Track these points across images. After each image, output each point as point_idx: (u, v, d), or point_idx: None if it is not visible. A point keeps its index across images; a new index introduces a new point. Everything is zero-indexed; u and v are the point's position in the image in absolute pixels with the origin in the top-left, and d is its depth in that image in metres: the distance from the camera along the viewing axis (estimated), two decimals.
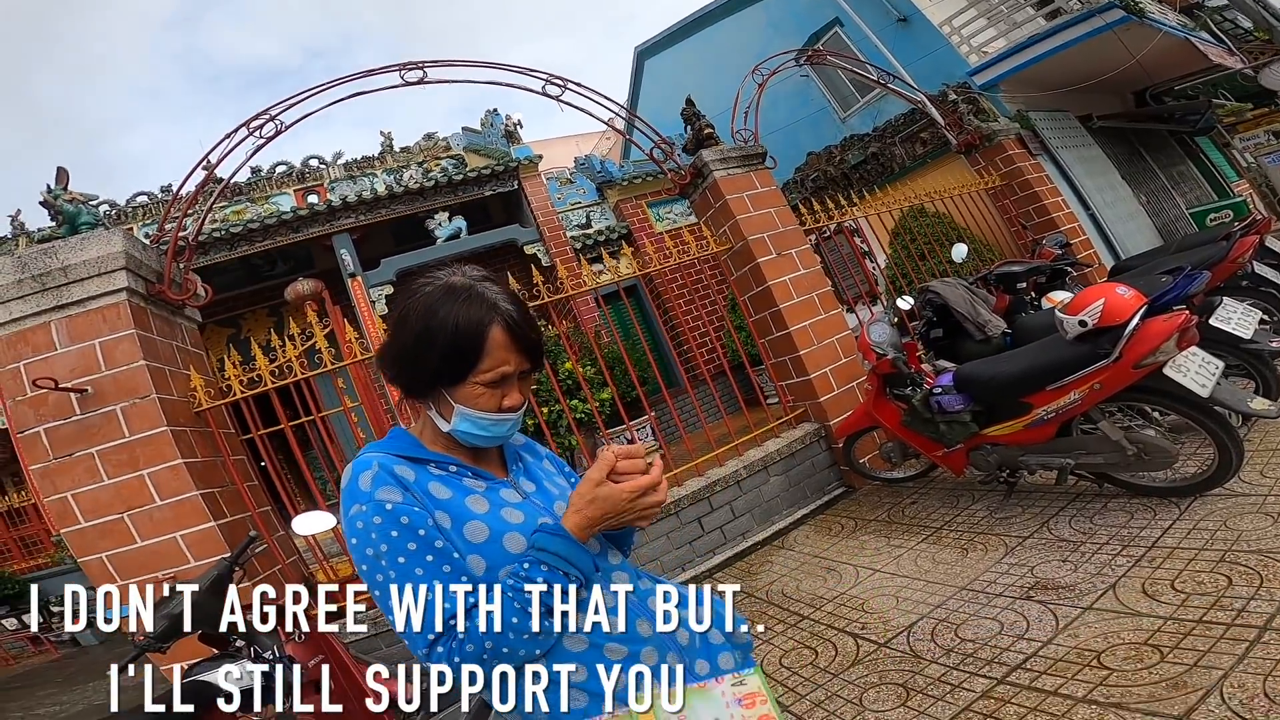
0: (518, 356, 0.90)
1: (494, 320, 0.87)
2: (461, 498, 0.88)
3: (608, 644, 0.87)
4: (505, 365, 0.89)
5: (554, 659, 0.85)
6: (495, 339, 0.87)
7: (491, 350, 0.87)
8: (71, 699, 5.79)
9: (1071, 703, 1.62)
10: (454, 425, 0.91)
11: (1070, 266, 4.71)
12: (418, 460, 0.90)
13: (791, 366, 4.31)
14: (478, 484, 0.92)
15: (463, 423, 0.90)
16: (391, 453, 0.90)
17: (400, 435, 0.97)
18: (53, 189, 2.89)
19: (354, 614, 3.31)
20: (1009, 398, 2.71)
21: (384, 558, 0.81)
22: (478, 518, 0.86)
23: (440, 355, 0.87)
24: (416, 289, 0.91)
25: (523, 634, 0.80)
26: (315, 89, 3.18)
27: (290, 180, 9.01)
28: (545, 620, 0.81)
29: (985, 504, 3.13)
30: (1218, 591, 1.86)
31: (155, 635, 1.92)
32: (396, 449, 0.91)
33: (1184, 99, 9.27)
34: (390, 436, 0.97)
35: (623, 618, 0.88)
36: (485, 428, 0.91)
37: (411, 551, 0.81)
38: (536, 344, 0.93)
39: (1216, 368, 2.36)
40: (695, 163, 4.36)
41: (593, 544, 0.90)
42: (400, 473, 0.86)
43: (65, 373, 2.79)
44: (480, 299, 0.88)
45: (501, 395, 0.91)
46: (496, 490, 0.92)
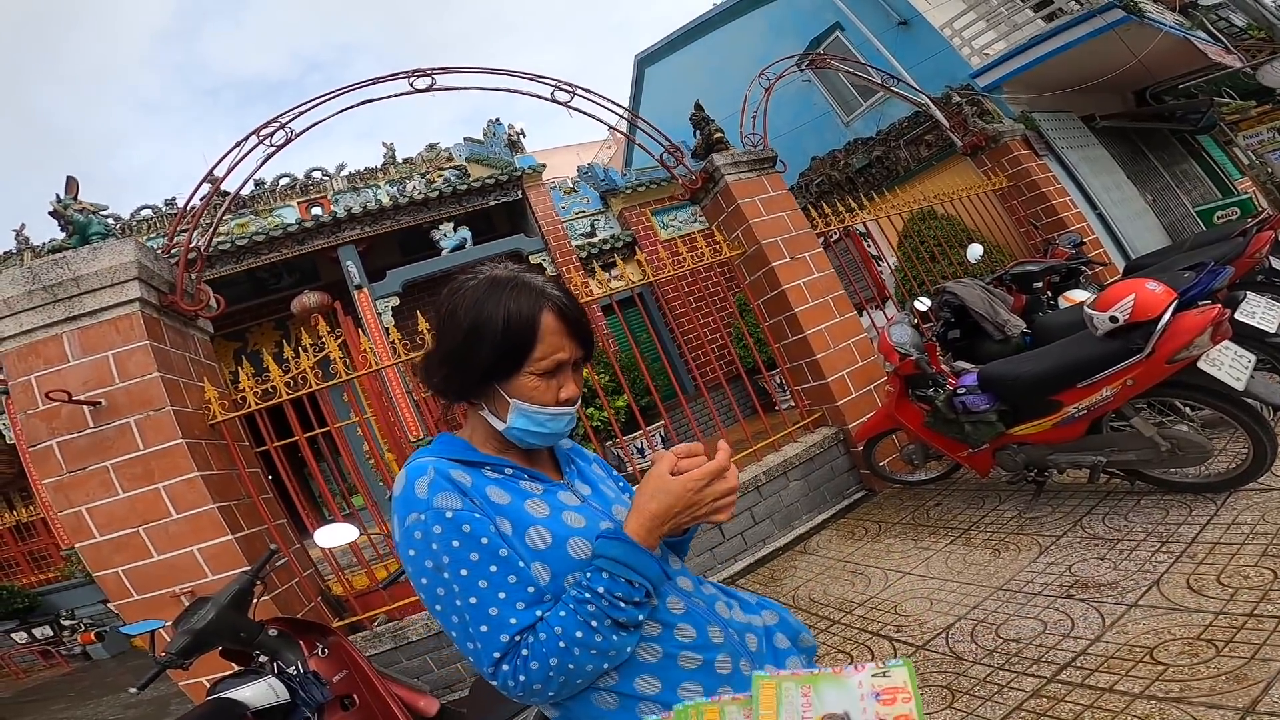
0: (571, 343, 0.86)
1: (545, 306, 0.84)
2: (520, 502, 0.84)
3: (682, 653, 0.82)
4: (560, 352, 0.85)
5: (627, 672, 0.80)
6: (548, 325, 0.84)
7: (545, 337, 0.84)
8: (85, 713, 5.72)
9: (1129, 699, 1.57)
10: (510, 423, 0.86)
11: (1084, 265, 4.70)
12: (472, 464, 0.86)
13: (808, 370, 4.28)
14: (535, 487, 0.87)
15: (519, 419, 0.86)
16: (445, 457, 0.85)
17: (450, 440, 0.92)
18: (63, 199, 2.86)
19: (375, 628, 3.27)
20: (1037, 396, 2.68)
21: (445, 569, 0.76)
22: (539, 522, 0.82)
23: (493, 347, 0.83)
24: (459, 286, 0.87)
25: (590, 649, 0.74)
26: (324, 96, 3.17)
27: (294, 192, 9.01)
28: (615, 634, 0.75)
29: (1013, 504, 3.09)
30: (1265, 585, 1.83)
31: (177, 651, 1.86)
32: (449, 453, 0.87)
33: (1185, 98, 9.32)
34: (439, 441, 0.92)
35: (693, 625, 0.84)
36: (542, 423, 0.87)
37: (474, 563, 0.76)
38: (588, 330, 0.89)
39: (1250, 361, 2.33)
40: (706, 167, 4.35)
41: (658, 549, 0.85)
42: (457, 478, 0.81)
43: (78, 385, 2.76)
44: (528, 287, 0.85)
45: (558, 386, 0.87)
46: (554, 493, 0.88)
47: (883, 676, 0.42)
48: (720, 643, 0.85)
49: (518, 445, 0.91)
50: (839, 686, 0.42)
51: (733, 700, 0.43)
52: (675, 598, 0.86)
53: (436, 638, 3.19)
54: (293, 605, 3.07)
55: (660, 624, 0.83)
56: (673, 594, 0.86)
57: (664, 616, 0.83)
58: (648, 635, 0.81)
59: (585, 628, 0.74)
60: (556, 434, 0.90)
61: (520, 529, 0.81)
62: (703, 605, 0.87)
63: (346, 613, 3.40)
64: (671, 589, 0.87)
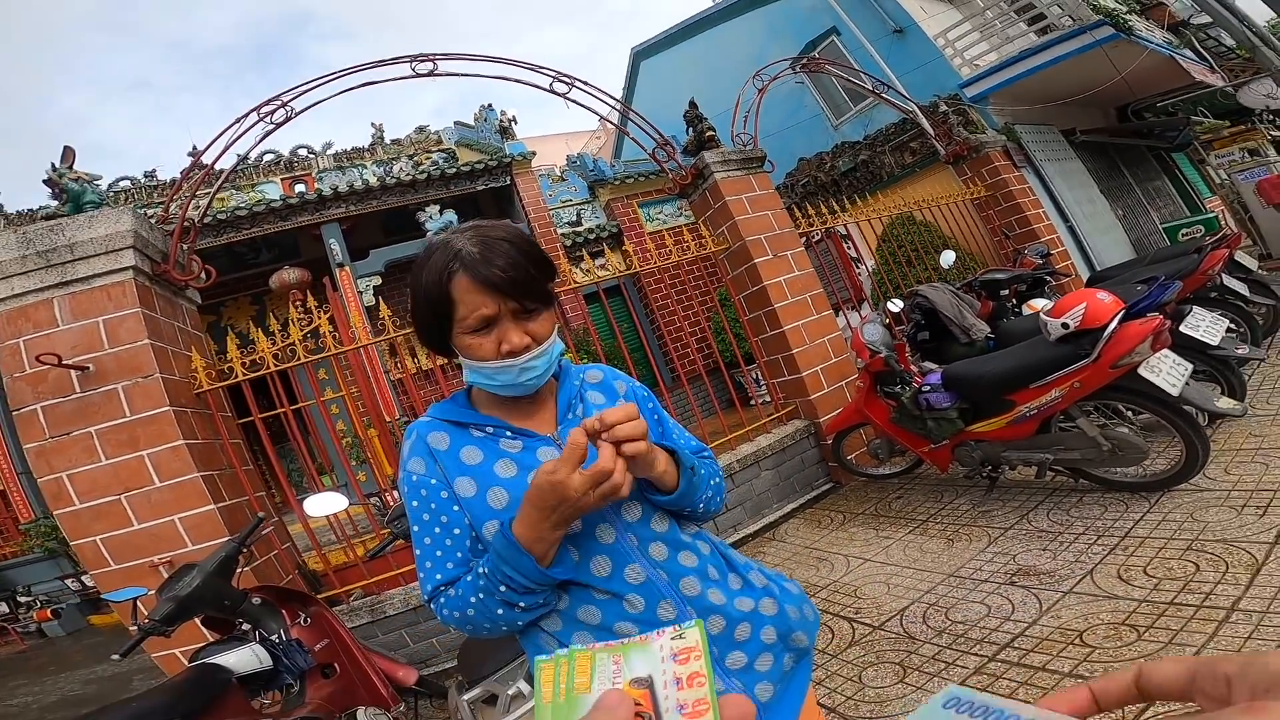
0: (490, 298, 0.83)
1: (454, 270, 0.84)
2: (492, 462, 0.88)
3: (618, 623, 0.84)
4: (481, 309, 0.84)
5: (567, 630, 0.86)
6: (461, 286, 0.84)
7: (461, 298, 0.84)
8: (44, 689, 5.67)
9: (1058, 677, 1.73)
10: (467, 379, 0.92)
11: (1050, 275, 4.90)
12: (459, 424, 0.92)
13: (784, 364, 4.42)
14: (513, 445, 0.90)
15: (472, 375, 0.91)
16: (438, 416, 0.94)
17: (459, 397, 0.98)
18: (58, 167, 2.87)
19: (352, 602, 3.35)
20: (994, 395, 2.85)
21: (410, 516, 0.91)
22: (502, 483, 0.86)
23: (425, 314, 0.88)
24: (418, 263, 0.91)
25: (483, 613, 0.83)
26: (326, 77, 3.20)
27: (278, 169, 8.91)
28: (500, 608, 0.82)
29: (968, 498, 3.27)
30: (1187, 577, 2.00)
31: (161, 618, 1.86)
32: (443, 410, 0.94)
33: (1164, 115, 9.59)
34: (450, 399, 0.98)
35: (644, 597, 0.85)
36: (491, 375, 0.88)
37: (424, 521, 0.88)
38: (508, 280, 0.83)
39: (1186, 369, 2.51)
40: (697, 164, 4.45)
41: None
42: (434, 441, 0.90)
43: (66, 350, 2.77)
44: (445, 249, 0.85)
45: (497, 340, 0.86)
46: (533, 450, 0.90)
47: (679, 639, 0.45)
48: (668, 619, 0.85)
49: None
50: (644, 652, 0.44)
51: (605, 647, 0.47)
52: (637, 565, 0.86)
53: (414, 613, 3.27)
54: (270, 577, 3.11)
55: (610, 592, 0.85)
56: (636, 561, 0.86)
57: (616, 585, 0.85)
58: (596, 598, 0.85)
59: (478, 597, 0.83)
60: (516, 384, 0.88)
61: (484, 488, 0.87)
62: (665, 579, 0.86)
63: (323, 587, 3.46)
64: (638, 555, 0.87)
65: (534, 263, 0.87)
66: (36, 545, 8.24)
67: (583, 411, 0.96)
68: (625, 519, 0.90)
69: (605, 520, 0.88)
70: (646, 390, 1.07)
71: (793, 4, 9.45)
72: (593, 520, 0.87)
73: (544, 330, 0.89)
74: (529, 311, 0.88)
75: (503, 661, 1.73)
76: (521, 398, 0.94)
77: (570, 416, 0.95)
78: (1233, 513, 2.30)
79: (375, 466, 4.44)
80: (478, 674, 1.74)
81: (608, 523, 0.88)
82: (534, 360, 0.88)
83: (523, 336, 0.86)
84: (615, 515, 0.89)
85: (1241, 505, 2.33)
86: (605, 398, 1.00)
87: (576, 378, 1.01)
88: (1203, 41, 9.02)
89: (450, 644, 3.25)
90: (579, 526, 0.86)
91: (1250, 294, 3.96)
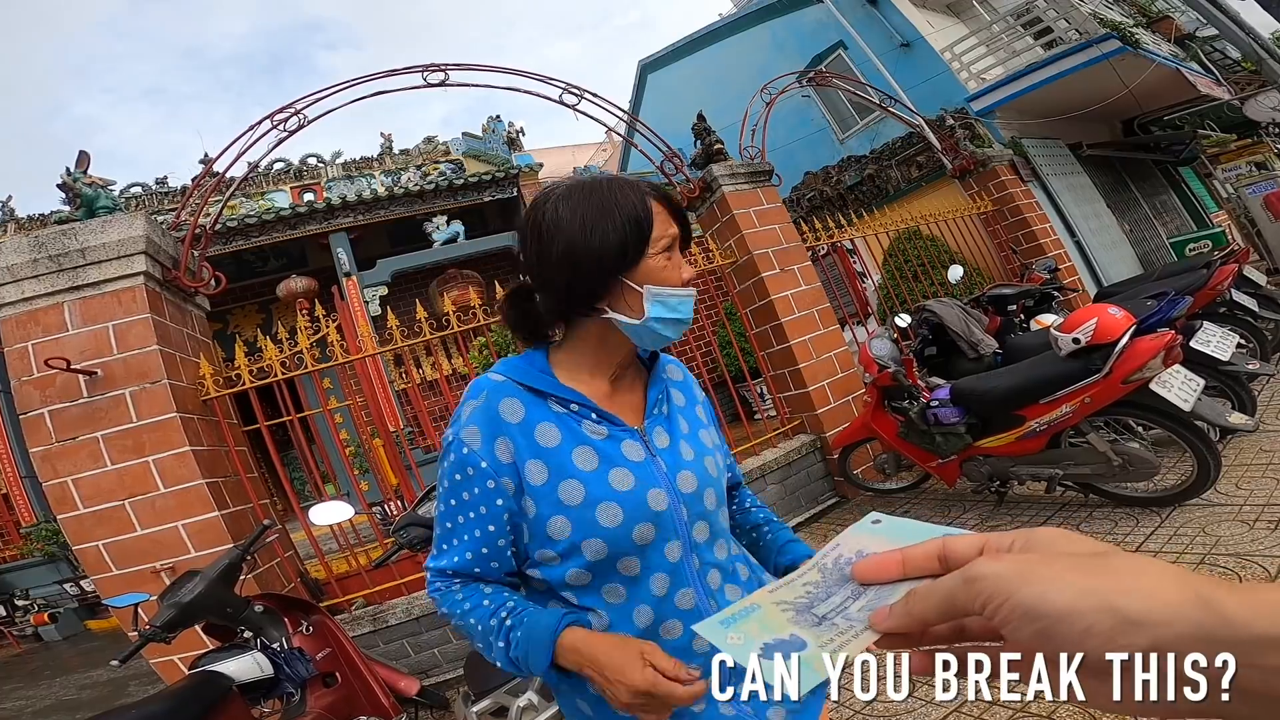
0: (677, 223, 0.84)
1: (646, 191, 0.83)
2: (569, 448, 0.79)
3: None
4: (670, 228, 0.82)
5: None
6: (654, 208, 0.81)
7: (658, 218, 0.81)
8: (38, 694, 5.64)
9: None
10: (648, 313, 0.80)
11: (1057, 291, 4.89)
12: (539, 393, 0.82)
13: (790, 379, 4.41)
14: (597, 430, 0.81)
15: (655, 306, 0.80)
16: (514, 377, 0.83)
17: (535, 358, 0.87)
18: (72, 172, 2.90)
19: (354, 611, 3.32)
20: (1003, 410, 2.83)
21: (444, 481, 0.82)
22: (577, 476, 0.78)
23: (618, 234, 0.78)
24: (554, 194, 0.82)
25: (477, 641, 0.80)
26: (339, 85, 3.24)
27: (287, 177, 9.01)
28: (494, 654, 0.79)
29: (976, 513, 3.23)
30: None
31: (162, 624, 1.85)
32: (521, 372, 0.83)
33: (1170, 129, 9.59)
34: (524, 357, 0.87)
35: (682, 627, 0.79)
36: (675, 306, 0.81)
37: (464, 501, 0.79)
38: (682, 211, 0.86)
39: (1198, 385, 2.50)
40: (704, 177, 4.47)
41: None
42: (505, 411, 0.80)
43: (75, 354, 2.78)
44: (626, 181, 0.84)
45: (678, 265, 0.83)
46: (618, 441, 0.81)
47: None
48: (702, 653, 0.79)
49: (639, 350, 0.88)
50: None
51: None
52: (691, 591, 0.81)
53: (416, 623, 3.24)
54: (273, 585, 3.10)
55: (653, 612, 0.79)
56: (692, 586, 0.81)
57: (665, 608, 0.80)
58: (639, 623, 0.79)
59: (484, 628, 0.78)
60: (686, 321, 0.83)
61: (556, 479, 0.77)
62: (715, 609, 0.81)
63: (325, 596, 3.44)
64: (694, 580, 0.81)
65: None
66: (37, 549, 8.24)
67: (668, 411, 0.90)
68: (695, 538, 0.83)
69: (677, 535, 0.81)
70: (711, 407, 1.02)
71: (799, 18, 9.54)
72: (666, 533, 0.80)
73: None
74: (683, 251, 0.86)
75: (509, 676, 1.71)
76: (616, 378, 0.87)
77: (657, 412, 0.88)
78: (1245, 527, 2.28)
79: (379, 476, 4.43)
80: (487, 685, 1.71)
81: (679, 538, 0.81)
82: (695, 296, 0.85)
83: (691, 270, 0.84)
84: (687, 531, 0.82)
85: (1254, 520, 2.31)
86: (685, 399, 0.95)
87: (663, 369, 0.95)
88: (1209, 55, 9.04)
89: (453, 654, 3.22)
90: (651, 536, 0.79)
91: (1259, 309, 3.94)
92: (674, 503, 0.80)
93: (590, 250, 0.78)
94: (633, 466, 0.80)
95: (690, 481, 0.83)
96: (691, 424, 0.91)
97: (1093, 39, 6.69)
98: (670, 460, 0.83)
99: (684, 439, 0.87)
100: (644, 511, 0.78)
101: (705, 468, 0.86)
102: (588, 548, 0.77)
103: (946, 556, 0.37)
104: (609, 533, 0.76)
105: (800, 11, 9.48)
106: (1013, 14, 7.68)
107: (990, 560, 0.33)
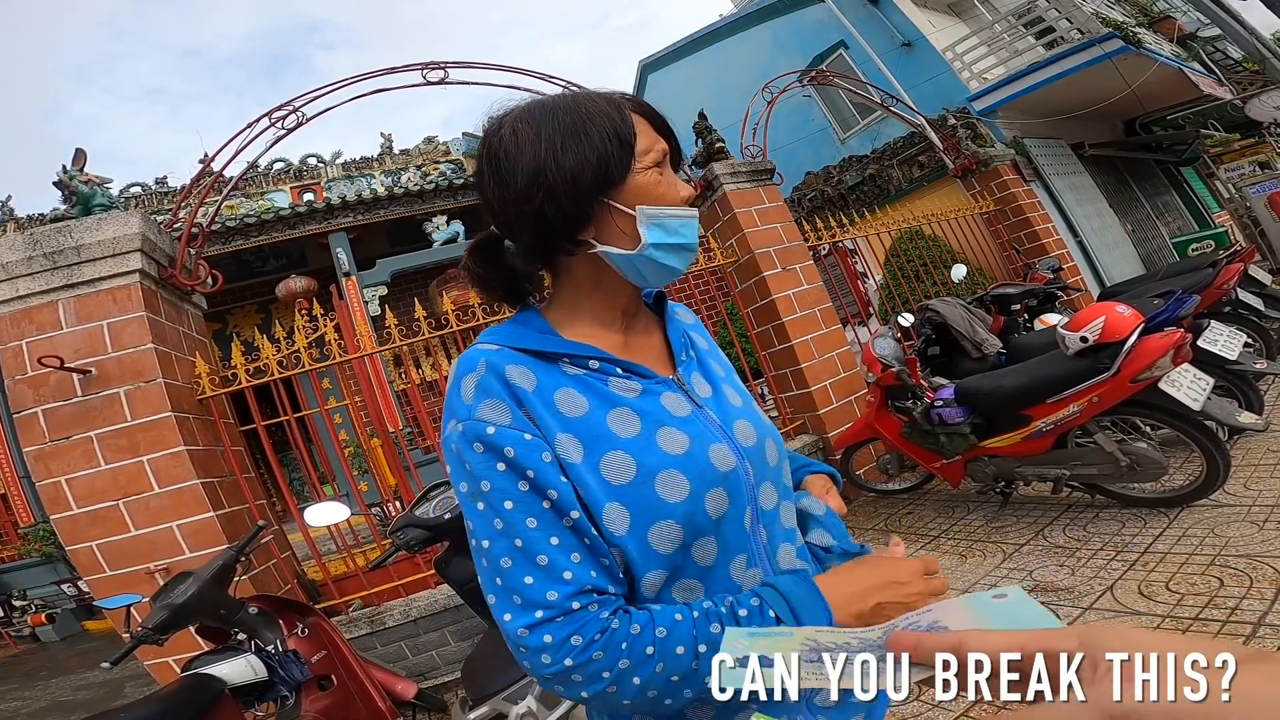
0: (664, 137, 0.69)
1: (625, 103, 0.68)
2: (603, 412, 0.63)
3: None
4: (658, 143, 0.68)
5: None
6: (637, 121, 0.67)
7: (640, 128, 0.67)
8: (34, 695, 5.61)
9: None
10: (646, 239, 0.65)
11: (1061, 290, 4.85)
12: (546, 356, 0.65)
13: (792, 379, 4.37)
14: (630, 387, 0.66)
15: (652, 231, 0.65)
16: (511, 345, 0.65)
17: (526, 318, 0.70)
18: (69, 169, 2.87)
19: (351, 613, 3.29)
20: (1009, 410, 2.79)
21: (482, 498, 0.59)
22: (622, 445, 0.61)
23: (597, 147, 0.63)
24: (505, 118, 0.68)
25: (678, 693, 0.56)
26: (338, 83, 3.21)
27: (287, 177, 8.99)
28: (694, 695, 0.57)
29: (981, 514, 3.20)
30: (1210, 592, 1.94)
31: (154, 626, 1.83)
32: (518, 339, 0.66)
33: (1172, 129, 9.58)
34: (513, 320, 0.71)
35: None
36: (677, 230, 0.66)
37: (522, 499, 0.58)
38: (667, 122, 0.71)
39: (1207, 384, 2.46)
40: (706, 175, 4.45)
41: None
42: (514, 378, 0.62)
43: (69, 353, 2.75)
44: (592, 92, 0.69)
45: (674, 184, 0.68)
46: (656, 396, 0.66)
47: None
48: None
49: (640, 287, 0.72)
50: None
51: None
52: (758, 570, 0.67)
53: (413, 625, 3.21)
54: (269, 587, 3.07)
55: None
56: (759, 565, 0.67)
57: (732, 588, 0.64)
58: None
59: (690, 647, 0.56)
60: (692, 248, 0.68)
61: (595, 453, 0.60)
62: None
63: (322, 597, 3.41)
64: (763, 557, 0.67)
65: None
66: (35, 550, 8.21)
67: (698, 356, 0.76)
68: (762, 504, 0.68)
69: (748, 502, 0.66)
70: None
71: (800, 18, 9.52)
72: (740, 500, 0.65)
73: None
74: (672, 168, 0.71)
75: (512, 678, 1.67)
76: (626, 327, 0.73)
77: (686, 358, 0.74)
78: (1254, 528, 2.25)
79: (377, 476, 4.39)
80: (484, 691, 1.68)
81: (750, 504, 0.66)
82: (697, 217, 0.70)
83: (688, 188, 0.69)
84: (754, 496, 0.67)
85: (1263, 520, 2.28)
86: (708, 345, 0.81)
87: (675, 312, 0.81)
88: (1210, 55, 9.03)
89: (451, 657, 3.18)
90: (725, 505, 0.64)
91: (1265, 308, 3.91)
92: (740, 460, 0.66)
93: (563, 170, 0.62)
94: (681, 423, 0.65)
95: (749, 433, 0.69)
96: (726, 370, 0.79)
97: (1095, 38, 6.67)
98: (720, 411, 0.70)
99: (726, 383, 0.74)
100: (712, 474, 0.63)
101: (759, 415, 0.74)
102: (658, 536, 0.60)
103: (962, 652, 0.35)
104: (679, 509, 0.60)
105: (801, 11, 9.47)
106: (1014, 13, 7.67)
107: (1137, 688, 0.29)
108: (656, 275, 0.68)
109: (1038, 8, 7.37)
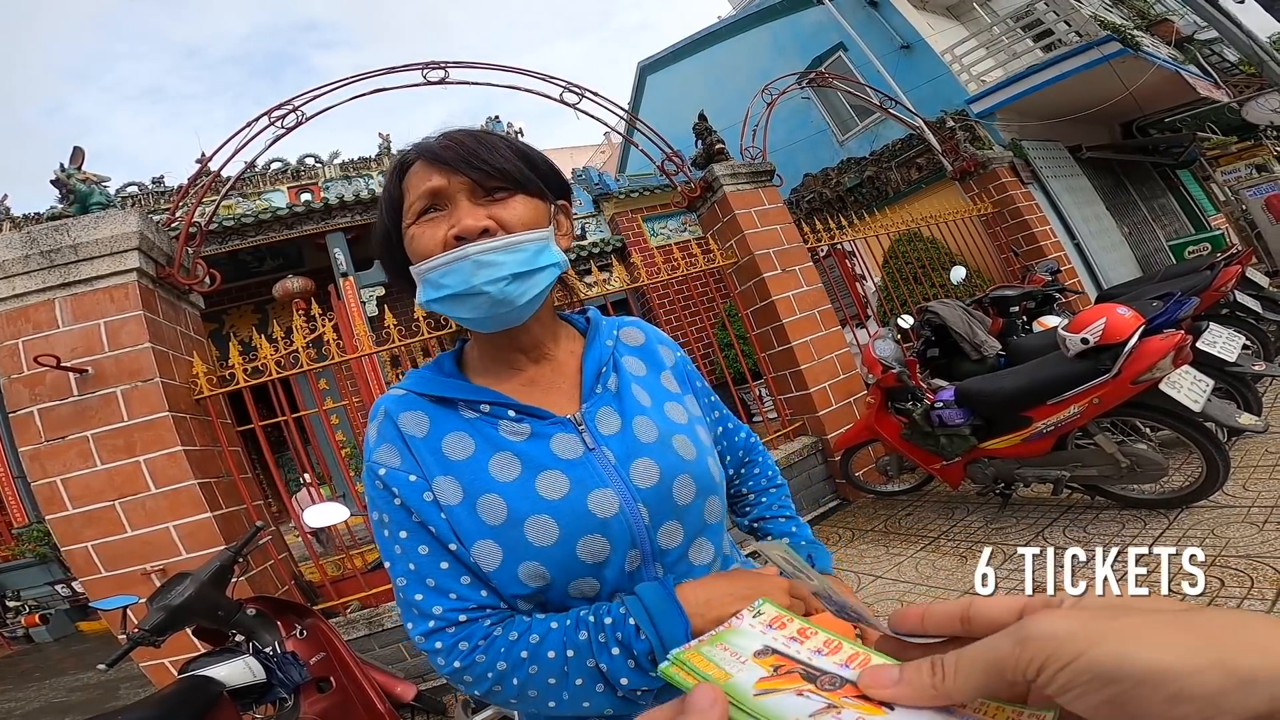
0: (441, 172, 0.65)
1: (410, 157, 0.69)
2: (485, 457, 0.66)
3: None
4: (428, 181, 0.66)
5: None
6: (413, 172, 0.68)
7: (410, 180, 0.68)
8: (28, 696, 5.58)
9: None
10: (420, 297, 0.67)
11: (1059, 293, 4.87)
12: (443, 400, 0.69)
13: (791, 380, 4.37)
14: (518, 431, 0.68)
15: (422, 290, 0.67)
16: (413, 389, 0.70)
17: (443, 361, 0.76)
18: (66, 167, 2.85)
19: (349, 614, 3.27)
20: (1010, 412, 2.79)
21: (387, 527, 0.67)
22: (497, 489, 0.64)
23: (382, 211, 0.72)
24: None
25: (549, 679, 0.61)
26: (338, 83, 3.20)
27: (285, 178, 8.96)
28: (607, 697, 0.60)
29: (981, 515, 3.20)
30: (1211, 593, 1.94)
31: (151, 627, 1.80)
32: (422, 382, 0.71)
33: (1169, 132, 9.62)
34: (433, 361, 0.77)
35: None
36: (440, 280, 0.64)
37: (415, 530, 0.66)
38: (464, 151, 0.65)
39: (1207, 385, 2.46)
40: (706, 176, 4.44)
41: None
42: (407, 425, 0.68)
43: (66, 352, 2.73)
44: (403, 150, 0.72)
45: (446, 224, 0.65)
46: (545, 440, 0.67)
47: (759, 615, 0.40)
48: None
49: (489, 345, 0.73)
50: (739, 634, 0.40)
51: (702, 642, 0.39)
52: None
53: None
54: (267, 588, 3.05)
55: None
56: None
57: None
58: None
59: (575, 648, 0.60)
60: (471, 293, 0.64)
61: (472, 496, 0.65)
62: None
63: (320, 598, 3.39)
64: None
65: (510, 146, 0.68)
66: (29, 550, 8.16)
67: (618, 384, 0.73)
68: (660, 543, 0.68)
69: (635, 544, 0.66)
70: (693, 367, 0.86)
71: (799, 20, 9.54)
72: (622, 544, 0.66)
73: (517, 217, 0.66)
74: (491, 193, 0.66)
75: None
76: (533, 364, 0.73)
77: (600, 389, 0.72)
78: (1254, 529, 2.25)
79: None
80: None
81: (638, 547, 0.67)
82: (496, 253, 0.63)
83: (479, 218, 0.64)
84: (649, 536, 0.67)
85: (1263, 521, 2.28)
86: (647, 367, 0.78)
87: (609, 335, 0.78)
88: (1207, 57, 9.07)
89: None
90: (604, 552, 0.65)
91: (1263, 311, 3.92)
92: (628, 504, 0.65)
93: (377, 235, 0.72)
94: (566, 466, 0.66)
95: (650, 472, 0.67)
96: (655, 396, 0.75)
97: (1093, 41, 6.70)
98: (621, 449, 0.68)
99: (643, 415, 0.71)
100: (586, 521, 0.64)
101: (674, 450, 0.70)
102: (528, 574, 0.63)
103: (971, 619, 0.32)
104: (547, 553, 0.63)
105: (800, 13, 9.49)
106: (1013, 16, 7.70)
107: (1049, 616, 0.27)
108: (472, 323, 0.69)
109: (1036, 10, 7.40)
